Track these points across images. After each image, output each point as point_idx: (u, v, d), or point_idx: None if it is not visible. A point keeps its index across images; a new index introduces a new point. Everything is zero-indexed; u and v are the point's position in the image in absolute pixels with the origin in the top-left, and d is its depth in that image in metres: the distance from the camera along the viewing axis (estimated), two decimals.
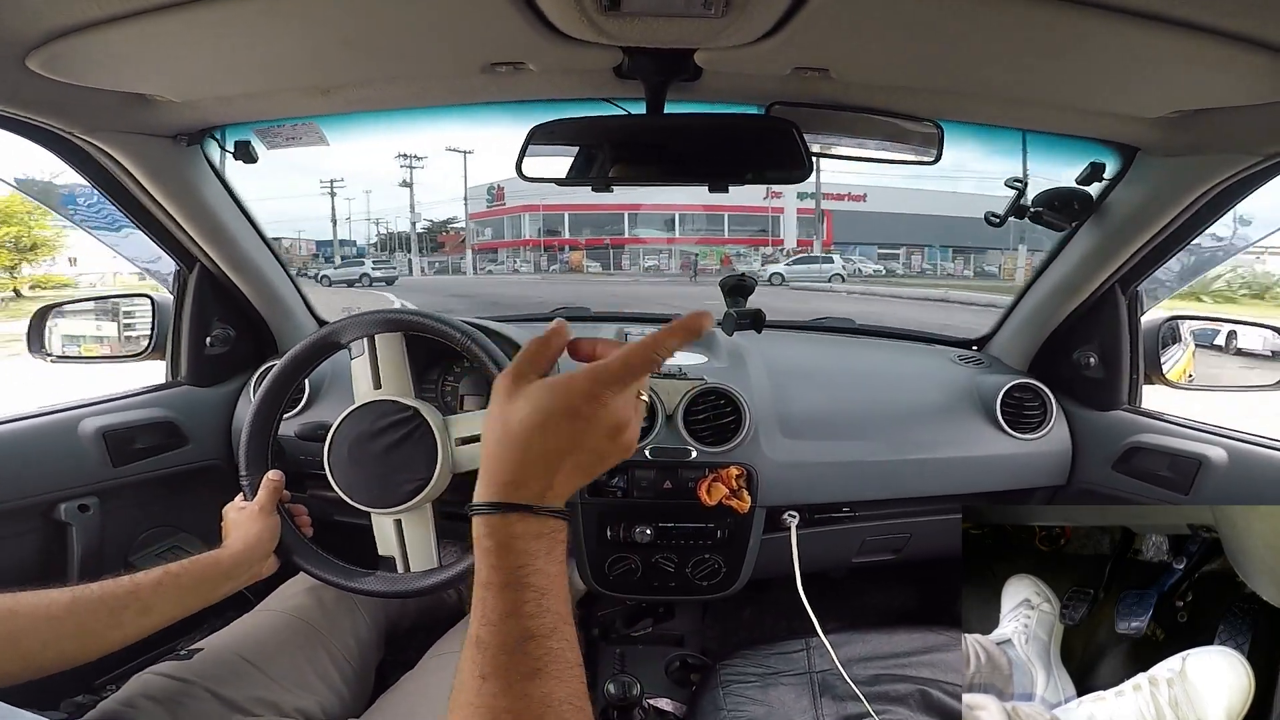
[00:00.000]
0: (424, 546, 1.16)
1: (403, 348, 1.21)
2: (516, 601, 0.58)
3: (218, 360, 1.73)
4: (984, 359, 1.84)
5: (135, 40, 0.91)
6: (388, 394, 1.17)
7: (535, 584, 0.59)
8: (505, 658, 0.56)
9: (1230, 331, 1.72)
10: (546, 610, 0.58)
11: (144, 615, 0.94)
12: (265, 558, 1.12)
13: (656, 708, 1.46)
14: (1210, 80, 0.95)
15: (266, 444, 1.19)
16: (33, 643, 0.84)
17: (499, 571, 0.59)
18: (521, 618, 0.57)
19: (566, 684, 0.56)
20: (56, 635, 0.86)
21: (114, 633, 0.92)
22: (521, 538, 0.59)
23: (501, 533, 0.59)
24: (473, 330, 1.16)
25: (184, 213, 1.48)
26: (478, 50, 1.04)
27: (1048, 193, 1.44)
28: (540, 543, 0.60)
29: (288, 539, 1.15)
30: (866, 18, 0.89)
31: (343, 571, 1.15)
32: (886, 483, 1.56)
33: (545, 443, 0.60)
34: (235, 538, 1.10)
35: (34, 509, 1.39)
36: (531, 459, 0.61)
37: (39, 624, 0.86)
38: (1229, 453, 1.38)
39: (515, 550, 0.59)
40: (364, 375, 1.19)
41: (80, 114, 1.17)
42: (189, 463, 1.64)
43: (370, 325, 1.19)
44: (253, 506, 1.13)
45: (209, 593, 1.04)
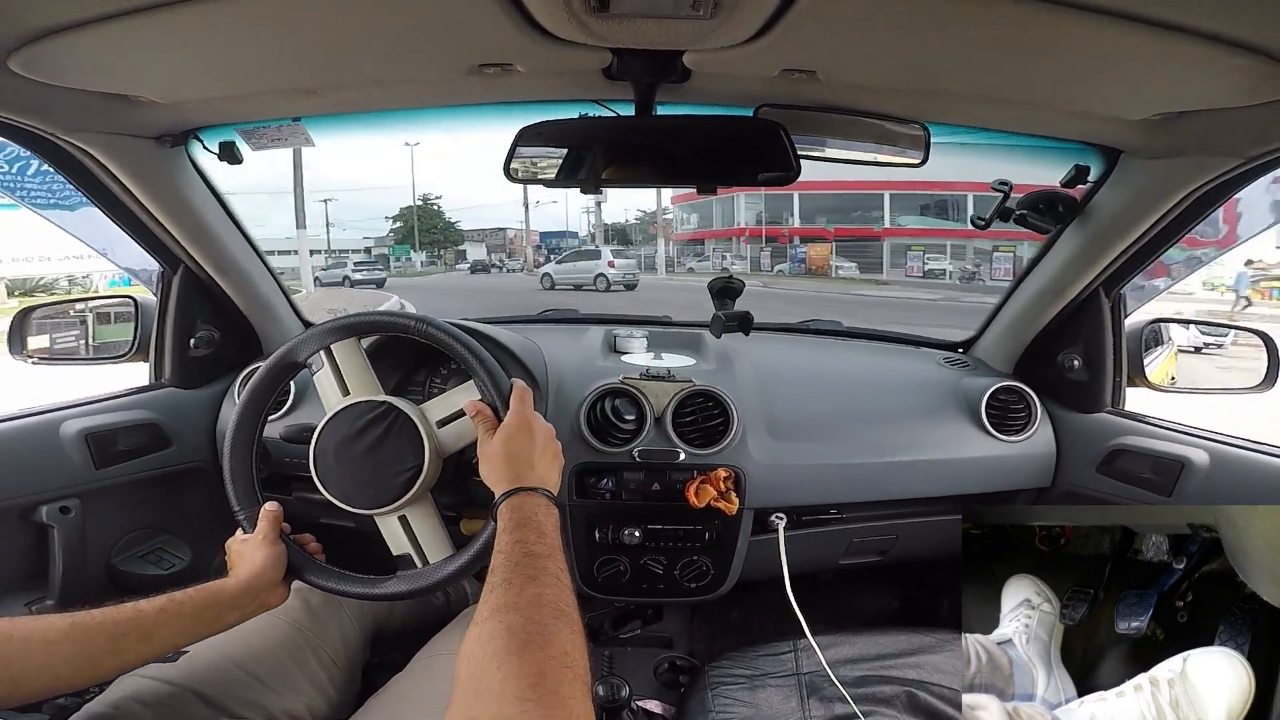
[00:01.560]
0: (436, 536, 1.15)
1: (360, 350, 1.20)
2: (523, 537, 0.86)
3: (202, 362, 1.71)
4: (969, 361, 1.85)
5: (118, 41, 0.90)
6: (357, 397, 1.16)
7: (535, 526, 0.89)
8: (512, 568, 0.81)
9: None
10: (543, 542, 0.86)
11: (144, 643, 0.92)
12: (272, 587, 1.09)
13: (645, 709, 1.45)
14: (1193, 82, 0.96)
15: (251, 477, 1.16)
16: (26, 667, 0.82)
17: (512, 521, 0.90)
18: (525, 544, 0.85)
19: (555, 590, 0.78)
20: (52, 660, 0.84)
21: (112, 660, 0.90)
22: (525, 505, 0.93)
23: (514, 504, 0.94)
24: (426, 317, 1.16)
25: (167, 214, 1.47)
26: (466, 51, 1.04)
27: (1032, 195, 1.45)
28: (538, 505, 0.94)
29: (298, 563, 1.13)
30: (853, 19, 0.90)
31: (363, 581, 1.12)
32: (873, 485, 1.57)
33: (521, 449, 1.02)
34: (241, 568, 1.08)
35: (14, 511, 1.38)
36: (518, 462, 1.00)
37: (35, 648, 0.83)
38: (1210, 455, 1.39)
39: (523, 509, 0.92)
40: (331, 386, 1.18)
41: (62, 115, 1.16)
42: (172, 465, 1.63)
43: (324, 336, 1.18)
44: (256, 537, 1.11)
45: (213, 622, 1.01)
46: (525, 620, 0.72)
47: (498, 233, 44.75)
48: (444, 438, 1.15)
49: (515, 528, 0.88)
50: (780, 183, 1.19)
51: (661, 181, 1.28)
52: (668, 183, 1.29)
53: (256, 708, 1.04)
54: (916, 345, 2.04)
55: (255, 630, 1.16)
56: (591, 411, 1.47)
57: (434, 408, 1.17)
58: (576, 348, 1.72)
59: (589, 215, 40.46)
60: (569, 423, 1.47)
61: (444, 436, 1.15)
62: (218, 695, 1.02)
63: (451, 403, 1.17)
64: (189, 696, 1.00)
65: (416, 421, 1.13)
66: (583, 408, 1.47)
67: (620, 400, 1.48)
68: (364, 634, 1.34)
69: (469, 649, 0.71)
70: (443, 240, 42.93)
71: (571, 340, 1.77)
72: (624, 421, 1.47)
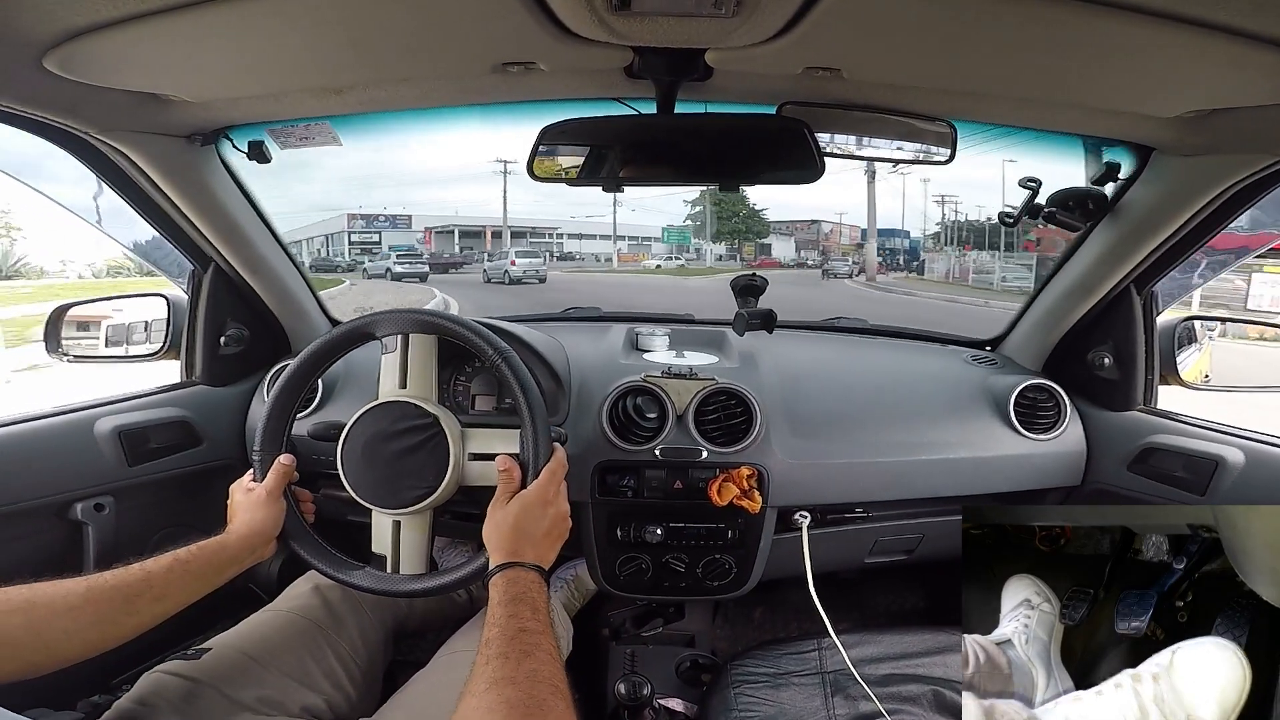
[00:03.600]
0: (417, 551, 1.16)
1: (434, 351, 1.21)
2: (517, 612, 0.90)
3: (232, 360, 1.74)
4: (997, 359, 1.83)
5: (150, 40, 0.92)
6: (411, 395, 1.17)
7: (529, 602, 0.93)
8: (507, 642, 0.84)
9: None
10: (537, 619, 0.89)
11: (158, 602, 0.96)
12: (267, 542, 1.13)
13: (667, 708, 1.46)
14: (1226, 80, 0.94)
15: (286, 422, 1.19)
16: (55, 633, 0.86)
17: (507, 595, 0.94)
18: (520, 619, 0.88)
19: (548, 666, 0.81)
20: (77, 624, 0.87)
21: (130, 620, 0.93)
22: (520, 580, 0.97)
23: (510, 577, 0.97)
24: (506, 349, 1.15)
25: (198, 212, 1.49)
26: (489, 50, 1.04)
27: (1062, 192, 1.43)
28: (532, 582, 0.98)
29: (289, 524, 1.15)
30: (878, 17, 0.89)
31: (335, 562, 1.15)
32: (899, 483, 1.55)
33: (530, 526, 1.05)
34: (240, 521, 1.11)
35: (50, 508, 1.40)
36: (522, 537, 1.04)
37: (59, 614, 0.87)
38: (1246, 454, 1.36)
39: (518, 584, 0.96)
40: (392, 373, 1.19)
41: (96, 114, 1.18)
42: (203, 462, 1.65)
43: (407, 323, 1.19)
44: (260, 490, 1.13)
45: (215, 576, 1.05)
46: (524, 695, 0.76)
47: (810, 225, 36.94)
48: (469, 471, 1.16)
49: (510, 601, 0.92)
50: (804, 181, 1.19)
51: (684, 180, 1.27)
52: (690, 181, 1.28)
53: (276, 704, 1.06)
54: (943, 343, 2.02)
55: (275, 628, 1.18)
56: (614, 409, 1.47)
57: (474, 439, 1.17)
58: (599, 346, 1.73)
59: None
60: (591, 421, 1.47)
61: (470, 470, 1.16)
62: (238, 692, 1.04)
63: (490, 444, 1.16)
64: (211, 693, 1.02)
65: (452, 445, 1.14)
66: (605, 406, 1.47)
67: (642, 398, 1.48)
68: (384, 632, 1.35)
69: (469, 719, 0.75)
70: (744, 231, 35.80)
71: (594, 339, 1.78)
72: (646, 419, 1.47)
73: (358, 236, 30.52)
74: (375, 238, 30.28)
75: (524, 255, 23.58)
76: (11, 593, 0.86)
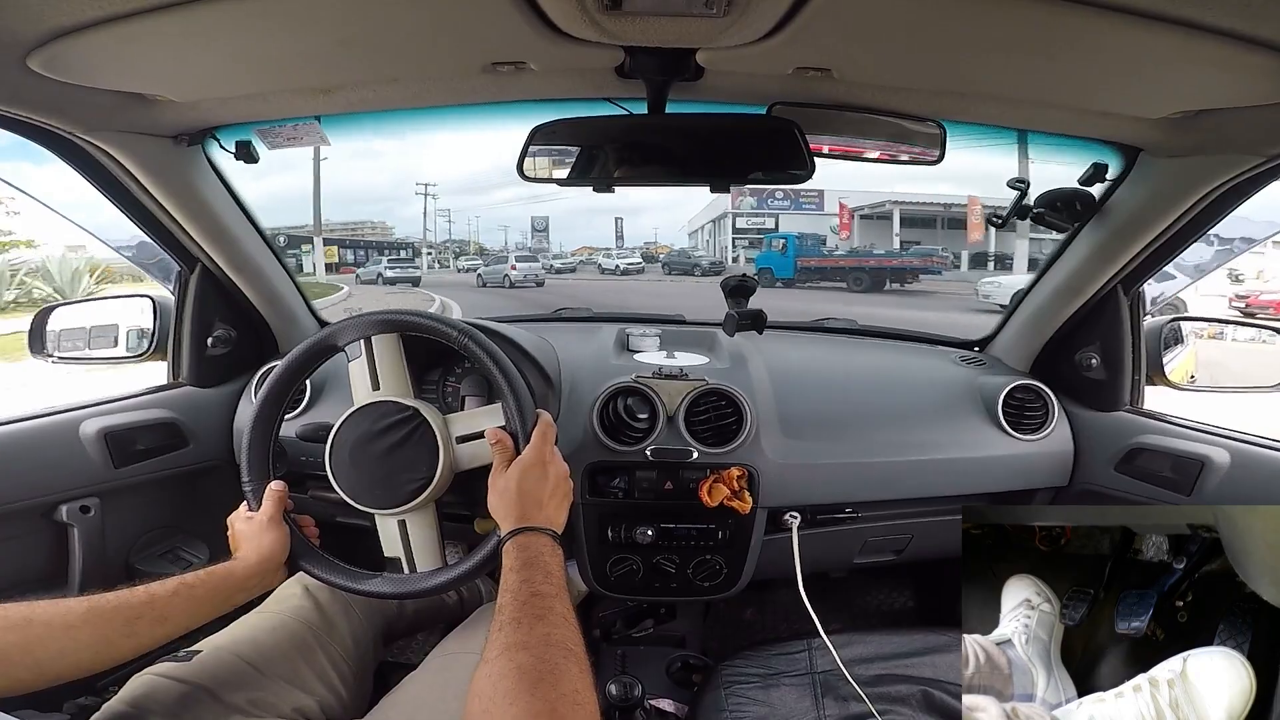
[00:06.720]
0: (429, 546, 1.16)
1: (400, 348, 1.20)
2: (529, 576, 0.89)
3: (219, 361, 1.73)
4: (986, 360, 1.84)
5: (136, 40, 0.91)
6: (386, 395, 1.17)
7: (542, 566, 0.91)
8: (520, 607, 0.83)
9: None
10: (549, 582, 0.89)
11: (159, 625, 0.94)
12: (278, 569, 1.12)
13: (658, 708, 1.45)
14: (1213, 81, 0.95)
15: (268, 450, 1.19)
16: (47, 652, 0.84)
17: (519, 561, 0.93)
18: (532, 583, 0.87)
19: (561, 630, 0.80)
20: (73, 645, 0.86)
21: (128, 642, 0.92)
22: (532, 545, 0.96)
23: (521, 543, 0.96)
24: (470, 330, 1.15)
25: (185, 213, 1.48)
26: (479, 50, 1.04)
27: (1050, 193, 1.44)
28: (544, 545, 0.97)
29: (295, 547, 1.14)
30: (868, 18, 0.89)
31: (350, 575, 1.14)
32: (888, 483, 1.56)
33: (532, 488, 1.04)
34: (248, 549, 1.10)
35: (36, 510, 1.39)
36: (528, 500, 1.02)
37: (55, 633, 0.85)
38: (1231, 454, 1.38)
39: (530, 549, 0.95)
40: (362, 377, 1.19)
41: (81, 114, 1.17)
42: (190, 464, 1.64)
43: (366, 327, 1.19)
44: (261, 518, 1.12)
45: (222, 603, 1.04)
46: (535, 659, 0.74)
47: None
48: (460, 454, 1.16)
49: (522, 567, 0.91)
50: (794, 181, 1.19)
51: (674, 180, 1.27)
52: (681, 181, 1.28)
53: (267, 706, 1.05)
54: (932, 344, 2.03)
55: (266, 629, 1.17)
56: (604, 410, 1.47)
57: (457, 422, 1.17)
58: (590, 346, 1.73)
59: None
60: (582, 421, 1.47)
61: (460, 453, 1.16)
62: (230, 694, 1.03)
63: (475, 422, 1.17)
64: (202, 695, 1.01)
65: (437, 433, 1.14)
66: (595, 406, 1.47)
67: (633, 399, 1.48)
68: (375, 632, 1.35)
69: (480, 686, 0.73)
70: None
71: (585, 339, 1.77)
72: (637, 420, 1.47)
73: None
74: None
75: (523, 260, 24.06)
76: (10, 610, 0.85)
